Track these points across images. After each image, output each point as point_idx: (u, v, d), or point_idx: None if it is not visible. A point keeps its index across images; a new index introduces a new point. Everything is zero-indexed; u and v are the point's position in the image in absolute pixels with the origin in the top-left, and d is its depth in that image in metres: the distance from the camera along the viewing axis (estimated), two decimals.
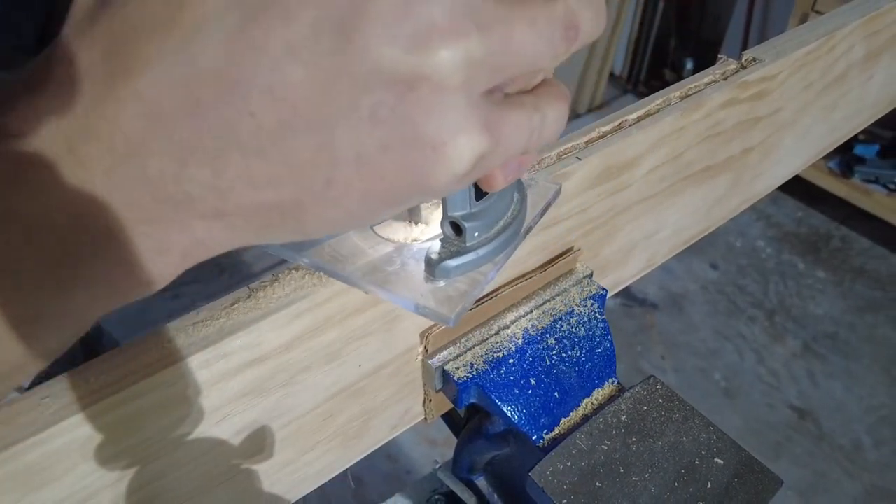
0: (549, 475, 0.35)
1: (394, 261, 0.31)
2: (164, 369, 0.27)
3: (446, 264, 0.29)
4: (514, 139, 0.22)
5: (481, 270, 0.29)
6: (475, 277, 0.29)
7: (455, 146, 0.21)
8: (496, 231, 0.30)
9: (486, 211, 0.29)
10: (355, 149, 0.20)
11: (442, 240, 0.29)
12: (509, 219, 0.30)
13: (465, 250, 0.29)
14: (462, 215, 0.28)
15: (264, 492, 0.36)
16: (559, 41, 0.21)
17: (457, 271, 0.29)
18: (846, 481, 1.66)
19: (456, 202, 0.28)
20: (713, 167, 0.52)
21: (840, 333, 1.99)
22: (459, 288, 0.29)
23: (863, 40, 0.57)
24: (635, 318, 2.03)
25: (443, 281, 0.29)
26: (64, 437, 0.26)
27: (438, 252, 0.29)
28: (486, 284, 0.30)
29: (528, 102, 0.23)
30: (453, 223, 0.28)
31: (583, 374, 0.40)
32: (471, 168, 0.21)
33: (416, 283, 0.30)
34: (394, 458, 1.67)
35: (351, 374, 0.35)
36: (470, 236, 0.28)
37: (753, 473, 0.35)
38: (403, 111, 0.20)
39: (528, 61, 0.21)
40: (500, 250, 0.30)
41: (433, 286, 0.29)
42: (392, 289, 0.29)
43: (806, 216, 2.37)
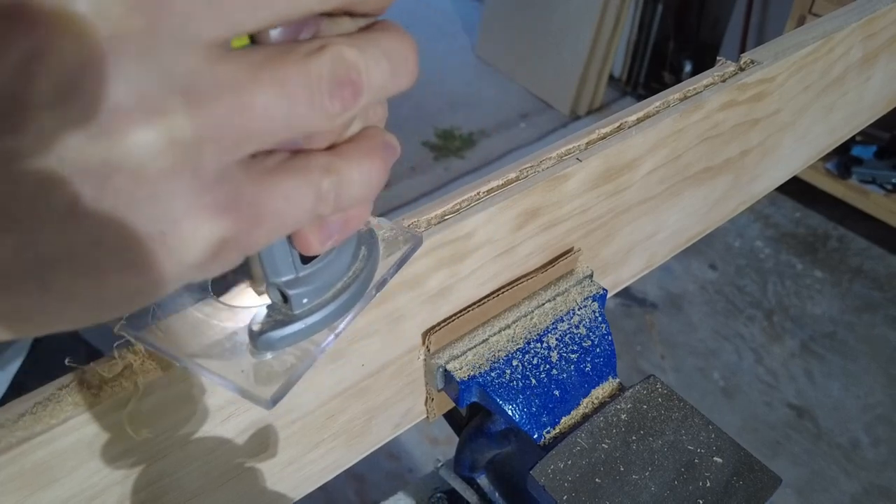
0: (550, 473, 0.35)
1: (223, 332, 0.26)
2: (169, 368, 0.27)
3: (269, 336, 0.25)
4: (283, 212, 0.19)
5: (314, 339, 0.25)
6: (307, 348, 0.25)
7: (179, 235, 0.18)
8: (333, 293, 0.26)
9: (317, 273, 0.25)
10: (64, 248, 0.17)
11: (269, 307, 0.25)
12: (351, 278, 0.26)
13: (294, 318, 0.25)
14: (286, 281, 0.24)
15: (268, 490, 0.36)
16: (328, 101, 0.18)
17: (282, 343, 0.25)
18: (844, 479, 1.66)
19: (277, 267, 0.24)
20: (712, 168, 0.52)
21: (838, 333, 1.99)
22: (286, 361, 0.25)
23: (860, 42, 0.57)
24: (635, 318, 2.03)
25: (269, 353, 0.25)
26: (71, 436, 0.26)
27: (262, 321, 0.25)
28: (319, 354, 0.25)
29: (317, 165, 0.20)
30: (279, 292, 0.24)
31: (583, 374, 0.40)
32: (212, 255, 0.18)
33: (240, 359, 0.25)
34: (396, 456, 1.67)
35: (354, 374, 0.35)
36: (297, 304, 0.25)
37: (752, 472, 0.35)
38: (107, 203, 0.17)
39: (284, 128, 0.18)
40: (337, 315, 0.26)
41: (258, 360, 0.25)
42: (215, 367, 0.25)
43: (804, 217, 2.37)
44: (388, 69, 0.19)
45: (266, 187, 0.19)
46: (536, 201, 0.38)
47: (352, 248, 0.27)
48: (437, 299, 0.37)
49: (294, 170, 0.19)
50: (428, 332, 0.38)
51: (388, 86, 0.20)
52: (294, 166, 0.19)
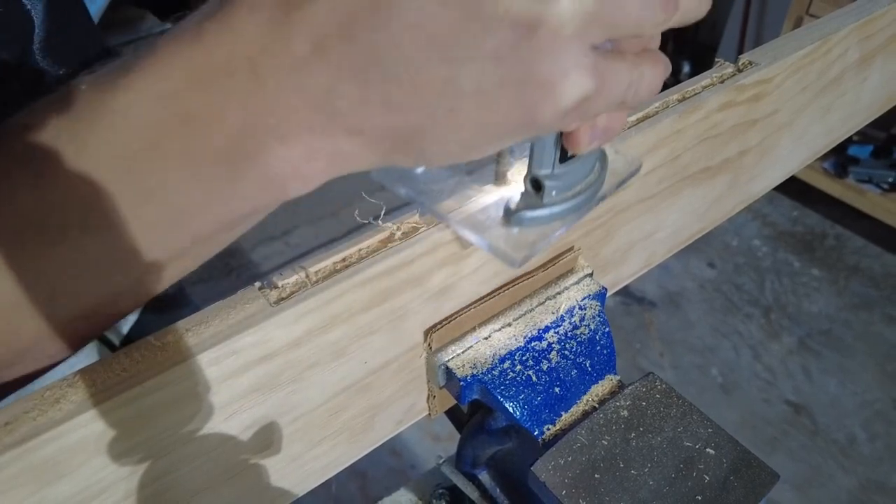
0: (551, 469, 0.35)
1: (477, 205, 0.33)
2: (174, 366, 0.28)
3: (522, 214, 0.31)
4: (614, 87, 0.25)
5: (551, 226, 0.32)
6: (545, 231, 0.32)
7: (564, 85, 0.23)
8: (572, 194, 0.32)
9: (566, 174, 0.31)
10: (477, 83, 0.23)
11: (523, 193, 0.32)
12: (586, 185, 0.32)
13: (541, 206, 0.31)
14: (544, 174, 0.30)
15: (272, 486, 0.36)
16: (659, 10, 0.24)
17: (530, 222, 0.31)
18: (841, 475, 1.66)
19: (541, 161, 0.30)
20: (711, 168, 0.52)
21: (835, 330, 1.99)
22: (529, 238, 0.31)
23: (857, 44, 0.57)
24: (634, 316, 2.03)
25: (516, 229, 0.32)
26: (78, 432, 0.26)
27: (517, 203, 0.32)
28: (553, 239, 0.32)
29: (630, 59, 0.26)
30: (535, 180, 0.31)
31: (583, 371, 0.40)
32: (575, 106, 0.24)
33: (492, 227, 0.32)
34: (398, 453, 1.67)
35: (357, 371, 0.36)
36: (547, 195, 0.31)
37: (750, 468, 0.35)
38: (522, 52, 0.22)
39: (633, 23, 0.24)
40: (571, 212, 0.32)
41: (507, 232, 0.32)
42: (471, 228, 0.32)
43: (801, 216, 2.37)
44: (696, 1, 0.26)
45: (608, 64, 0.24)
46: None
47: (592, 162, 0.33)
48: (440, 297, 0.37)
49: (619, 58, 0.25)
50: (430, 329, 0.38)
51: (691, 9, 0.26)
52: (618, 56, 0.25)
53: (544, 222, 0.32)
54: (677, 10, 0.24)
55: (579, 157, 0.31)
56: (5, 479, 0.25)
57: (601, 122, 0.28)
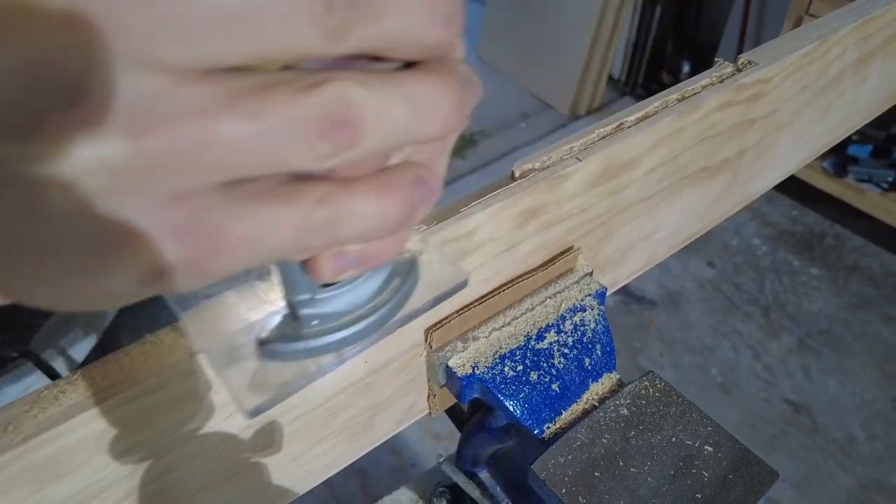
0: (551, 468, 0.35)
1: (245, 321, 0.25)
2: (174, 365, 0.28)
3: (272, 347, 0.24)
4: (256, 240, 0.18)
5: (318, 361, 0.24)
6: (307, 367, 0.24)
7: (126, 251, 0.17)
8: (348, 320, 0.24)
9: (336, 298, 0.24)
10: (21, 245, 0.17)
11: (284, 316, 0.24)
12: (371, 309, 0.25)
13: (299, 337, 0.24)
14: (300, 300, 0.23)
15: (273, 485, 0.36)
16: (318, 141, 0.16)
17: (284, 357, 0.24)
18: (840, 474, 1.66)
19: (294, 284, 0.23)
20: (710, 168, 0.52)
21: (834, 330, 1.99)
22: (283, 375, 0.24)
23: (856, 44, 0.57)
24: (634, 316, 2.03)
25: (269, 361, 0.24)
26: (79, 431, 0.26)
27: (271, 330, 0.24)
28: (319, 377, 0.24)
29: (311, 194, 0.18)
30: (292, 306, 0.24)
31: (583, 370, 0.40)
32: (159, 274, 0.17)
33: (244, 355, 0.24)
34: (399, 451, 1.67)
35: (358, 370, 0.35)
36: (307, 324, 0.24)
37: (750, 466, 0.35)
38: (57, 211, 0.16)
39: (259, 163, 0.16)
40: (347, 343, 0.24)
41: (259, 365, 0.24)
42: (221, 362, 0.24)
43: (801, 215, 2.37)
44: (407, 114, 0.18)
45: (238, 213, 0.17)
46: (537, 200, 0.38)
47: (382, 278, 0.25)
48: None
49: (280, 197, 0.18)
50: (430, 328, 0.38)
51: (408, 130, 0.18)
52: (281, 194, 0.18)
53: (303, 357, 0.24)
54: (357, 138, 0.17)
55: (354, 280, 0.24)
56: (6, 479, 0.25)
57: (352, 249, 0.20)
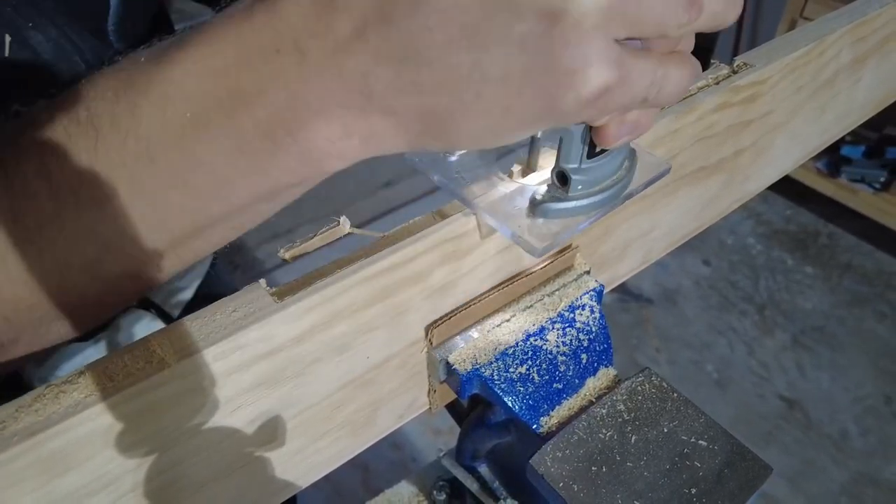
0: (549, 462, 0.35)
1: (504, 194, 0.34)
2: (180, 361, 0.28)
3: (547, 206, 0.32)
4: (637, 83, 0.25)
5: (575, 219, 0.33)
6: (568, 223, 0.32)
7: (585, 74, 0.24)
8: (598, 189, 0.32)
9: (593, 169, 0.32)
10: (503, 69, 0.24)
11: (549, 185, 0.33)
12: (612, 182, 0.33)
13: (566, 199, 0.32)
14: (571, 168, 0.31)
15: (276, 478, 0.36)
16: (682, 11, 0.24)
17: (554, 214, 0.32)
18: (833, 468, 1.66)
19: (569, 156, 0.30)
20: (706, 168, 0.52)
21: (828, 327, 1.99)
22: (552, 229, 0.32)
23: (850, 46, 0.57)
24: (631, 313, 2.03)
25: (541, 219, 0.33)
26: (86, 425, 0.26)
27: (543, 195, 0.33)
28: (576, 231, 0.33)
29: (656, 58, 0.26)
30: (561, 174, 0.32)
31: (581, 366, 0.40)
32: (595, 97, 0.24)
33: (517, 217, 0.33)
34: (400, 446, 1.67)
35: (359, 366, 0.36)
36: (573, 188, 0.32)
37: (744, 461, 0.35)
38: (546, 41, 0.23)
39: (655, 21, 0.24)
40: (596, 207, 0.33)
41: (531, 222, 0.33)
42: (496, 216, 0.33)
43: (795, 214, 2.37)
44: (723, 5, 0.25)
45: (631, 59, 0.25)
46: None
47: (620, 159, 0.33)
48: (440, 294, 0.37)
49: (644, 55, 0.26)
50: (431, 325, 0.38)
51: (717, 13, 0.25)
52: (643, 53, 0.26)
53: (568, 215, 0.32)
54: (701, 14, 0.25)
55: (607, 154, 0.31)
56: (15, 471, 0.25)
57: (630, 117, 0.28)
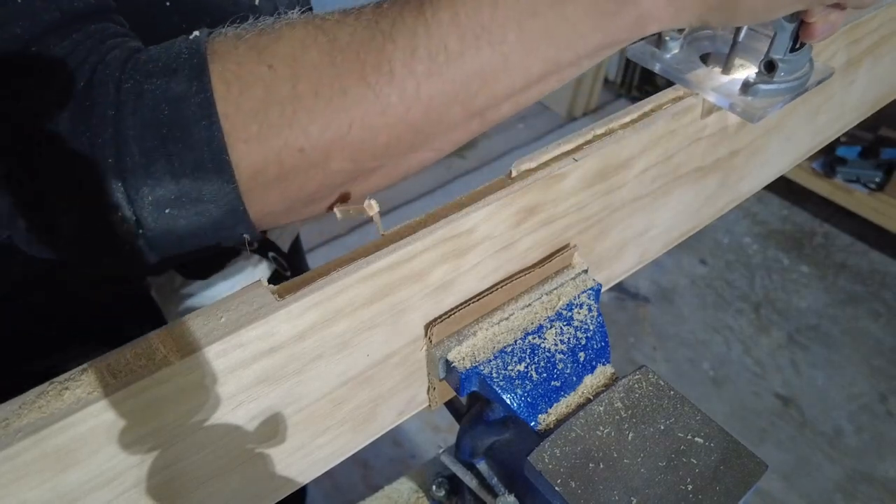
0: (547, 459, 0.35)
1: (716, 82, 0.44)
2: (183, 358, 0.28)
3: (758, 86, 0.42)
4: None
5: (776, 99, 0.42)
6: (772, 101, 0.42)
7: None
8: (793, 78, 0.42)
9: (792, 62, 0.41)
10: None
11: (757, 73, 0.42)
12: (801, 75, 0.42)
13: (773, 82, 0.42)
14: (778, 59, 0.40)
15: (278, 474, 0.36)
16: None
17: (762, 93, 0.42)
18: (828, 465, 1.66)
19: (779, 48, 0.40)
20: (703, 168, 0.52)
21: (822, 325, 1.99)
22: (759, 104, 0.42)
23: (845, 48, 0.57)
24: (628, 311, 2.03)
25: (751, 97, 0.42)
26: (90, 421, 0.26)
27: (754, 79, 0.42)
28: (776, 108, 0.42)
29: None
30: (770, 63, 0.41)
31: (578, 364, 0.40)
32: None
33: (732, 94, 0.43)
34: (399, 443, 1.67)
35: (360, 363, 0.36)
36: (778, 74, 0.41)
37: (739, 458, 0.35)
38: None
39: None
40: (791, 91, 0.42)
41: (743, 99, 0.42)
42: (718, 93, 0.43)
43: (791, 214, 2.37)
44: None
45: None
46: (534, 199, 0.38)
47: (807, 59, 0.43)
48: (440, 292, 0.37)
49: None
50: (430, 323, 0.38)
51: None
52: None
53: (772, 95, 0.42)
54: None
55: (802, 51, 0.41)
56: (20, 467, 0.25)
57: (832, 17, 0.37)
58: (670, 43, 0.45)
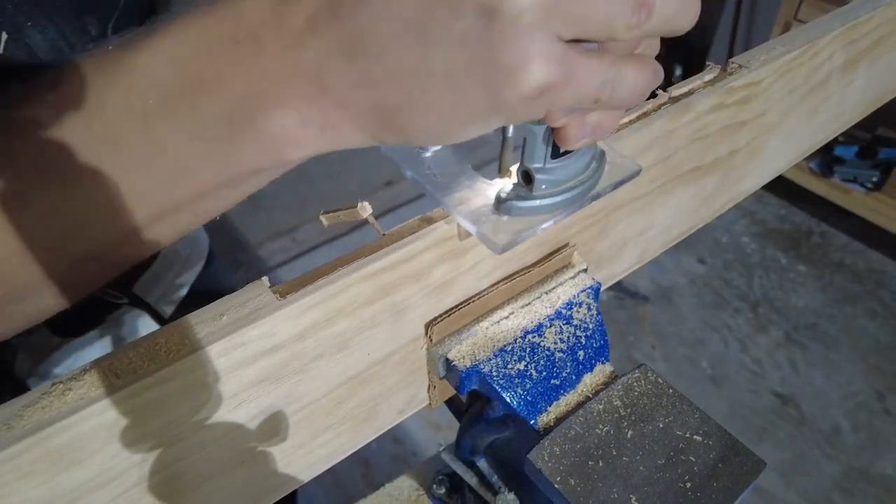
0: (546, 457, 0.35)
1: (475, 193, 0.34)
2: (185, 357, 0.28)
3: (511, 203, 0.32)
4: (585, 82, 0.25)
5: (539, 218, 0.33)
6: (532, 222, 0.33)
7: (525, 71, 0.23)
8: (563, 189, 0.32)
9: (558, 169, 0.32)
10: (446, 66, 0.24)
11: (514, 184, 0.33)
12: (578, 182, 0.33)
13: (531, 197, 0.32)
14: (535, 167, 0.31)
15: (279, 472, 0.36)
16: (630, 13, 0.23)
17: (518, 212, 0.32)
18: (825, 463, 1.66)
19: (533, 155, 0.31)
20: (701, 168, 0.52)
21: (820, 324, 1.99)
22: (516, 226, 0.32)
23: (843, 48, 0.57)
24: (627, 310, 2.03)
25: (505, 217, 0.33)
26: (93, 420, 0.26)
27: (508, 192, 0.33)
28: (539, 230, 0.33)
29: (608, 59, 0.25)
30: (525, 172, 0.32)
31: (578, 362, 0.40)
32: (537, 94, 0.24)
33: (484, 215, 0.33)
34: (400, 441, 1.67)
35: (361, 362, 0.36)
36: (537, 187, 0.32)
37: (738, 456, 0.35)
38: (486, 38, 0.23)
39: (600, 20, 0.23)
40: (561, 206, 0.33)
41: (497, 219, 0.33)
42: (462, 214, 0.33)
43: (788, 213, 2.37)
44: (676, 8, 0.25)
45: (578, 59, 0.24)
46: None
47: (587, 160, 0.33)
48: (440, 292, 0.37)
49: (596, 55, 0.25)
50: (431, 322, 0.38)
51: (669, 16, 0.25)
52: (595, 53, 0.25)
53: (532, 213, 0.32)
54: (651, 17, 0.24)
55: (573, 154, 0.31)
56: (23, 465, 0.25)
57: (591, 119, 0.28)
58: None
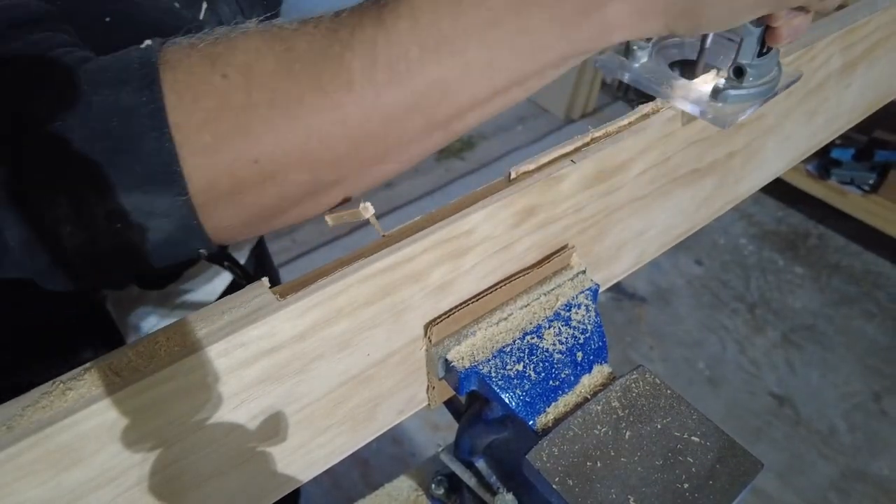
0: (545, 458, 0.35)
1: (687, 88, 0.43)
2: (185, 357, 0.28)
3: (727, 92, 0.41)
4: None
5: (746, 104, 0.42)
6: (742, 107, 0.42)
7: None
8: (761, 83, 0.42)
9: (760, 67, 0.41)
10: None
11: (726, 78, 0.42)
12: (769, 79, 0.42)
13: (742, 87, 0.41)
14: (746, 64, 0.40)
15: (278, 472, 0.36)
16: None
17: (732, 99, 0.42)
18: (822, 463, 1.67)
19: (746, 53, 0.40)
20: (699, 170, 0.52)
21: (817, 325, 1.99)
22: (728, 110, 0.42)
23: (840, 52, 0.57)
24: (625, 311, 2.03)
25: (721, 103, 0.42)
26: (93, 420, 0.26)
27: (722, 85, 0.42)
28: (747, 114, 0.42)
29: None
30: (738, 68, 0.41)
31: (576, 363, 0.40)
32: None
33: (702, 101, 0.42)
34: (399, 441, 1.67)
35: (360, 363, 0.36)
36: (747, 79, 0.41)
37: (735, 456, 0.35)
38: None
39: None
40: (760, 96, 0.42)
41: (713, 105, 0.42)
42: (689, 101, 0.42)
43: (785, 215, 2.37)
44: None
45: None
46: (533, 200, 0.38)
47: (775, 63, 0.43)
48: (439, 292, 0.37)
49: None
50: (430, 323, 0.38)
51: None
52: None
53: (742, 101, 0.42)
54: None
55: (769, 56, 0.41)
56: (23, 465, 0.25)
57: (795, 22, 0.37)
58: (638, 52, 0.44)
